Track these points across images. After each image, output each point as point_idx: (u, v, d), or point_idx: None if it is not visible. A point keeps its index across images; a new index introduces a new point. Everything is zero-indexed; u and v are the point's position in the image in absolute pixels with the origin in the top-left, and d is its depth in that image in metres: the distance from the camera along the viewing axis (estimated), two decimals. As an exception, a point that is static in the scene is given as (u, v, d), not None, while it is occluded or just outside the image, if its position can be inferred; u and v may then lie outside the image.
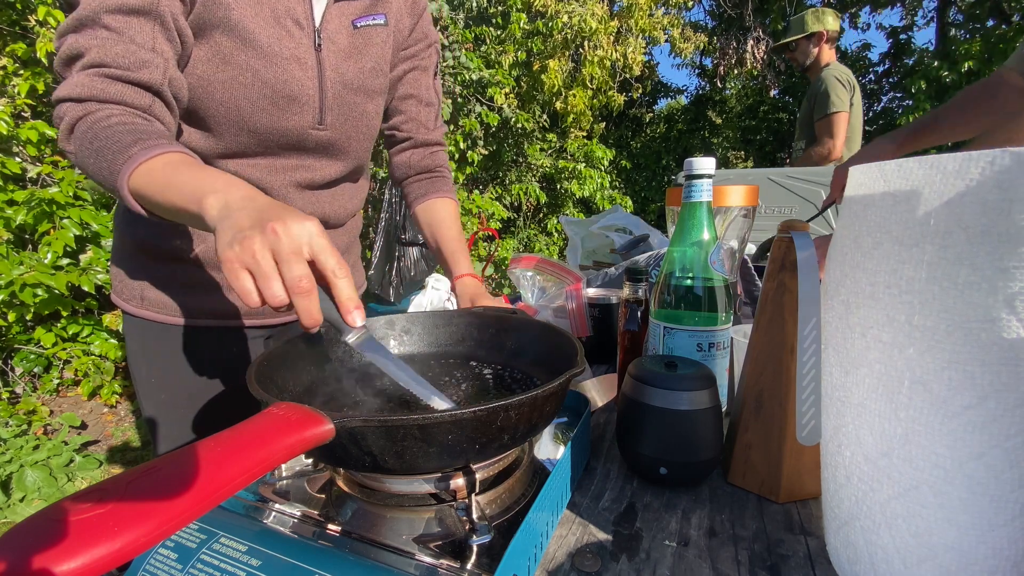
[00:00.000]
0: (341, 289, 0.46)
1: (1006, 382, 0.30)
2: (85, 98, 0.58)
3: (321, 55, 0.73)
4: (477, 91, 4.76)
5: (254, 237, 0.42)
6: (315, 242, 0.45)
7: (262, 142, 0.72)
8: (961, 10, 8.11)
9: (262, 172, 0.75)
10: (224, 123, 0.69)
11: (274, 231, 0.43)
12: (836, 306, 0.40)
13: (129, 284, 0.79)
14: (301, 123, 0.73)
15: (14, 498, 2.07)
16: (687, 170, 0.61)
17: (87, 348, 2.70)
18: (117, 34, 0.59)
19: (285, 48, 0.69)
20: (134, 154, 0.53)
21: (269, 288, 0.42)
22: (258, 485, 0.49)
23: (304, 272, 0.43)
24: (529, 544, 0.41)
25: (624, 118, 9.71)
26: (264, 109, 0.70)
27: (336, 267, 0.46)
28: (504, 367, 0.65)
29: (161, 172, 0.53)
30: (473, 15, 4.63)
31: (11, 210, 2.45)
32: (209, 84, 0.67)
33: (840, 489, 0.40)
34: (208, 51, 0.66)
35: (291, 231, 0.43)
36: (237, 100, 0.68)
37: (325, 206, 0.83)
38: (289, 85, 0.70)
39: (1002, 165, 0.29)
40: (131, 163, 0.53)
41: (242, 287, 0.43)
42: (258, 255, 0.42)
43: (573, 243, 1.50)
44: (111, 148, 0.55)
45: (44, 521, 0.23)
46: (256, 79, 0.68)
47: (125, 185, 0.53)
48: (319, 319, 0.44)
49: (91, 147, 0.56)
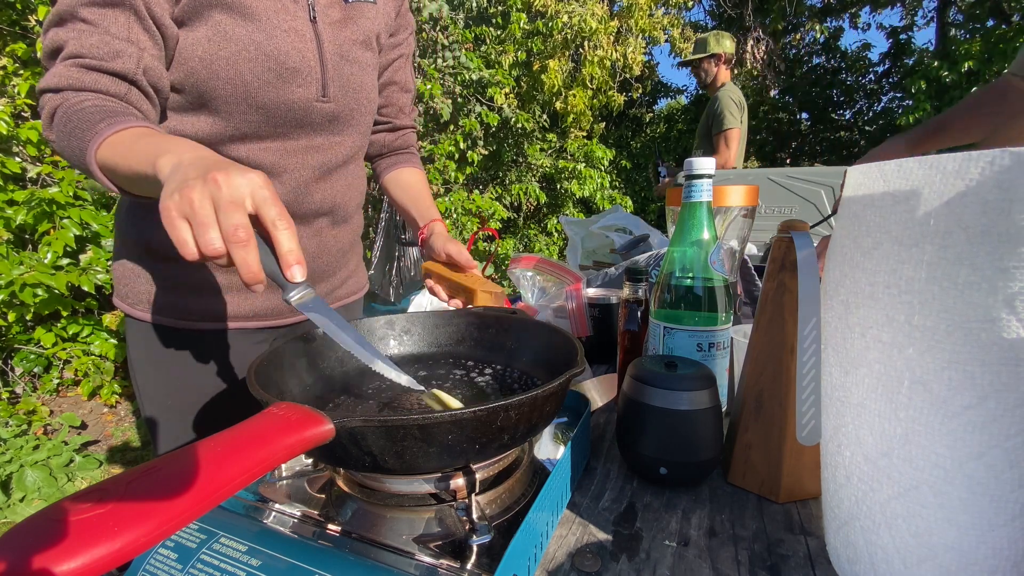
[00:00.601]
0: (281, 241, 0.45)
1: (1006, 382, 0.30)
2: (62, 88, 0.60)
3: (317, 27, 0.74)
4: (477, 91, 4.76)
5: (194, 186, 0.42)
6: (257, 193, 0.44)
7: (270, 119, 0.73)
8: (961, 10, 8.11)
9: (275, 156, 0.75)
10: (232, 101, 0.70)
11: (215, 180, 0.42)
12: (836, 306, 0.40)
13: (132, 287, 0.78)
14: (306, 95, 0.74)
15: (14, 498, 2.07)
16: (687, 170, 0.61)
17: (87, 348, 2.70)
18: (93, 26, 0.61)
19: (283, 20, 0.71)
20: (101, 130, 0.55)
21: (204, 235, 0.42)
22: (258, 485, 0.49)
23: (241, 221, 0.42)
24: (529, 544, 0.41)
25: (624, 118, 9.70)
26: (270, 83, 0.70)
27: (277, 218, 0.45)
28: (504, 367, 0.65)
29: (125, 144, 0.54)
30: (473, 15, 4.62)
31: (11, 210, 2.46)
32: (213, 63, 0.67)
33: (840, 489, 0.40)
34: (208, 31, 0.67)
35: (232, 180, 0.43)
36: (243, 75, 0.68)
37: (338, 194, 0.84)
38: (291, 56, 0.71)
39: (1002, 165, 0.29)
40: (98, 137, 0.55)
41: (178, 236, 0.42)
42: (196, 203, 0.42)
43: (573, 243, 1.50)
44: (82, 127, 0.56)
45: (44, 521, 0.23)
46: (259, 52, 0.69)
47: (93, 159, 0.55)
48: (260, 274, 0.43)
49: (65, 130, 0.58)
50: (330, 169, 0.81)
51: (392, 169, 1.00)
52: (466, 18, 4.56)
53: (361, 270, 1.01)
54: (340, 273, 0.92)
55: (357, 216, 0.94)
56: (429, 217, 0.91)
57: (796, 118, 10.58)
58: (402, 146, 1.02)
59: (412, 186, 0.98)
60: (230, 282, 0.79)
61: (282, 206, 0.45)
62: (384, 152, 1.01)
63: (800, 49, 10.20)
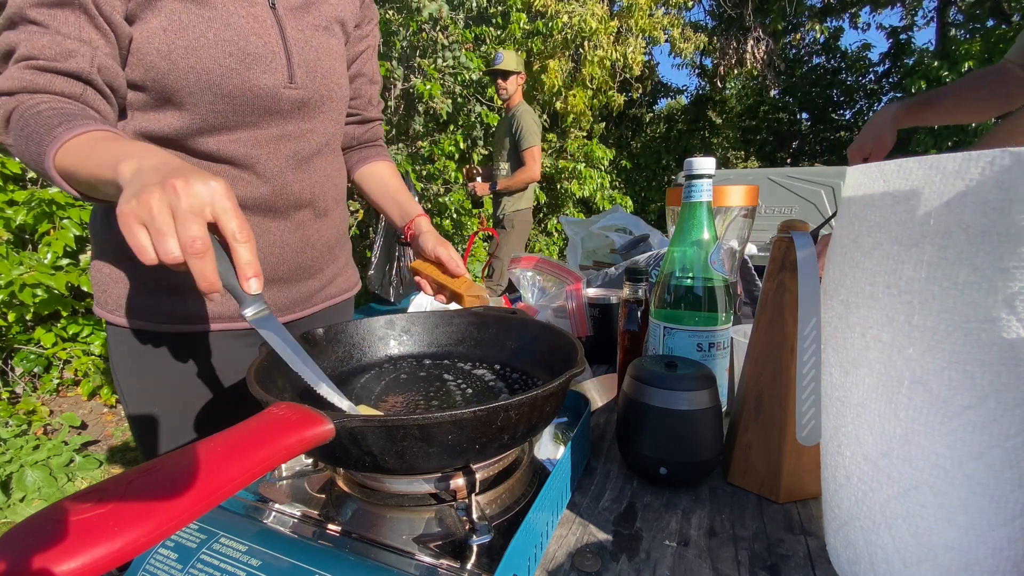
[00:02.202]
0: (240, 254, 0.45)
1: (1006, 382, 0.30)
2: (16, 90, 0.60)
3: (277, 13, 0.74)
4: (477, 91, 4.76)
5: (153, 192, 0.42)
6: (218, 203, 0.44)
7: (237, 108, 0.71)
8: (961, 10, 8.12)
9: (246, 147, 0.74)
10: (196, 92, 0.68)
11: (174, 188, 0.42)
12: (836, 306, 0.40)
13: (112, 293, 0.76)
14: (273, 81, 0.73)
15: (14, 498, 2.07)
16: (687, 170, 0.61)
17: (87, 348, 2.70)
18: (43, 27, 0.60)
19: (240, 7, 0.70)
20: (59, 134, 0.54)
21: (163, 245, 0.42)
22: (258, 485, 0.49)
23: (199, 233, 0.42)
24: (529, 544, 0.41)
25: (624, 118, 9.71)
26: (233, 69, 0.69)
27: (237, 230, 0.45)
28: (504, 367, 0.65)
29: (84, 149, 0.53)
30: (473, 15, 4.63)
31: (11, 210, 2.46)
32: (172, 53, 0.66)
33: (840, 489, 0.40)
34: (162, 21, 0.66)
35: (192, 188, 0.42)
36: (204, 63, 0.68)
37: (316, 184, 0.83)
38: (252, 42, 0.70)
39: (1002, 165, 0.29)
40: (56, 143, 0.54)
41: (136, 243, 0.42)
42: (155, 210, 0.41)
43: (573, 243, 1.50)
44: (38, 131, 0.56)
45: (44, 521, 0.23)
46: (218, 39, 0.68)
47: (52, 165, 0.54)
48: (216, 284, 0.43)
49: (22, 134, 0.58)
50: (304, 158, 0.80)
51: (364, 163, 1.00)
52: (466, 18, 4.56)
53: (351, 268, 1.00)
54: (328, 270, 0.91)
55: (339, 208, 0.93)
56: (412, 213, 0.91)
57: (796, 118, 10.59)
58: (371, 139, 1.02)
59: (388, 181, 0.98)
60: None
61: (243, 218, 0.45)
62: (353, 145, 1.01)
63: (800, 49, 10.20)
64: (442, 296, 0.82)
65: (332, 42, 0.82)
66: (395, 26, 4.21)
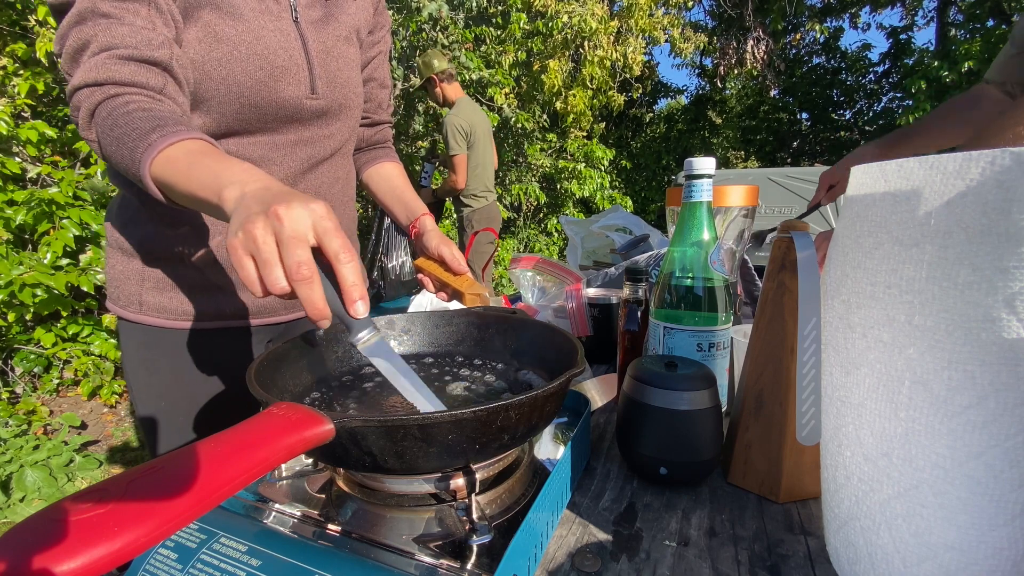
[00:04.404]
0: (345, 275, 0.43)
1: (1006, 382, 0.30)
2: (102, 81, 0.58)
3: (300, 27, 0.75)
4: (477, 91, 4.76)
5: (257, 221, 0.41)
6: (319, 224, 0.43)
7: (261, 116, 0.73)
8: (961, 10, 8.12)
9: (264, 149, 0.76)
10: (225, 101, 0.70)
11: (276, 215, 0.41)
12: (836, 306, 0.40)
13: (126, 289, 0.77)
14: (297, 93, 0.75)
15: (14, 498, 2.07)
16: (687, 170, 0.61)
17: (87, 348, 2.71)
18: (117, 19, 0.60)
19: (268, 21, 0.72)
20: (153, 141, 0.53)
21: (270, 275, 0.41)
22: (258, 485, 0.49)
23: (304, 258, 0.41)
24: (529, 544, 0.41)
25: (624, 118, 9.72)
26: (262, 82, 0.71)
27: (340, 250, 0.43)
28: (504, 367, 0.65)
29: (183, 161, 0.53)
30: (473, 15, 4.63)
31: (11, 210, 2.46)
32: (205, 64, 0.67)
33: (840, 489, 0.40)
34: (199, 32, 0.67)
35: (293, 213, 0.41)
36: (236, 76, 0.69)
37: (324, 185, 0.84)
38: (279, 56, 0.72)
39: (1002, 165, 0.29)
40: (151, 151, 0.53)
41: (246, 275, 0.41)
42: (259, 240, 0.41)
43: (573, 243, 1.50)
44: (131, 135, 0.55)
45: (44, 521, 0.23)
46: (250, 52, 0.69)
47: (148, 174, 0.54)
48: (325, 311, 0.42)
49: (112, 135, 0.56)
50: (319, 161, 0.82)
51: (372, 164, 1.02)
52: (466, 18, 4.57)
53: None
54: None
55: (349, 209, 0.94)
56: (417, 212, 0.92)
57: (796, 118, 10.59)
58: (380, 140, 1.03)
59: (394, 181, 1.00)
60: (222, 281, 0.79)
61: (344, 237, 0.44)
62: (362, 146, 1.03)
63: (800, 49, 10.20)
64: (444, 294, 0.83)
65: (350, 52, 0.83)
66: (395, 26, 4.22)
